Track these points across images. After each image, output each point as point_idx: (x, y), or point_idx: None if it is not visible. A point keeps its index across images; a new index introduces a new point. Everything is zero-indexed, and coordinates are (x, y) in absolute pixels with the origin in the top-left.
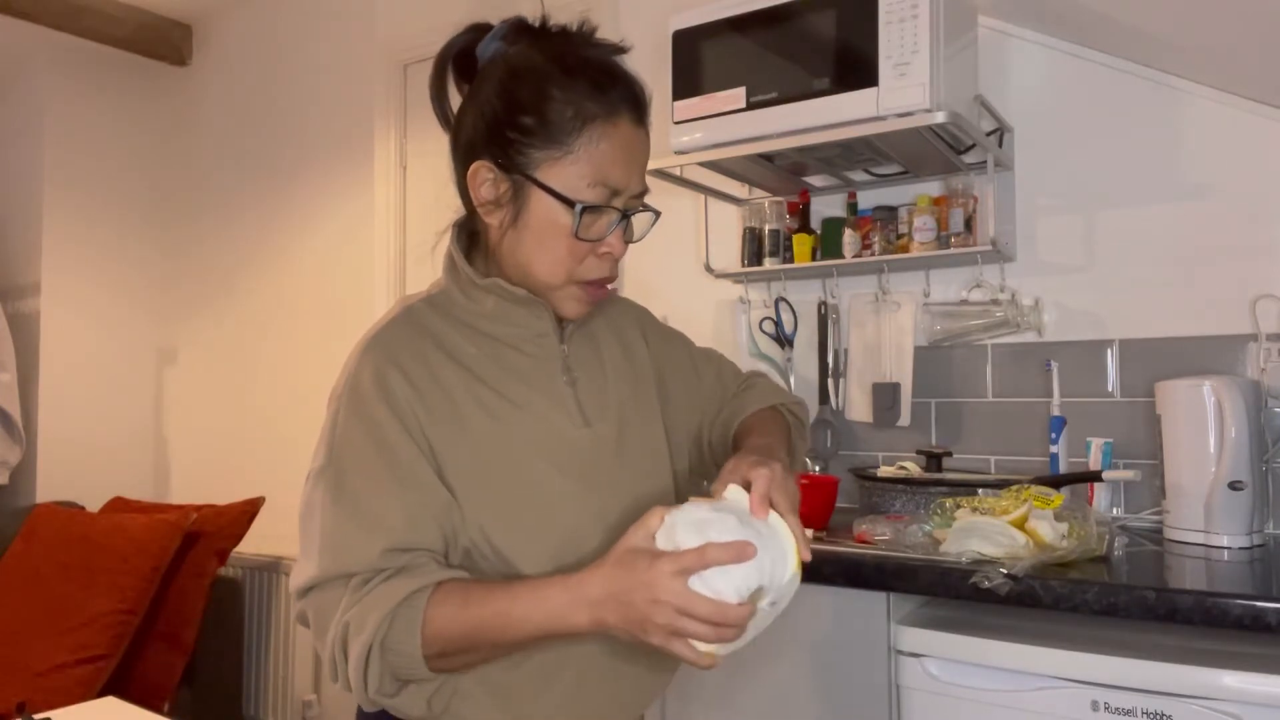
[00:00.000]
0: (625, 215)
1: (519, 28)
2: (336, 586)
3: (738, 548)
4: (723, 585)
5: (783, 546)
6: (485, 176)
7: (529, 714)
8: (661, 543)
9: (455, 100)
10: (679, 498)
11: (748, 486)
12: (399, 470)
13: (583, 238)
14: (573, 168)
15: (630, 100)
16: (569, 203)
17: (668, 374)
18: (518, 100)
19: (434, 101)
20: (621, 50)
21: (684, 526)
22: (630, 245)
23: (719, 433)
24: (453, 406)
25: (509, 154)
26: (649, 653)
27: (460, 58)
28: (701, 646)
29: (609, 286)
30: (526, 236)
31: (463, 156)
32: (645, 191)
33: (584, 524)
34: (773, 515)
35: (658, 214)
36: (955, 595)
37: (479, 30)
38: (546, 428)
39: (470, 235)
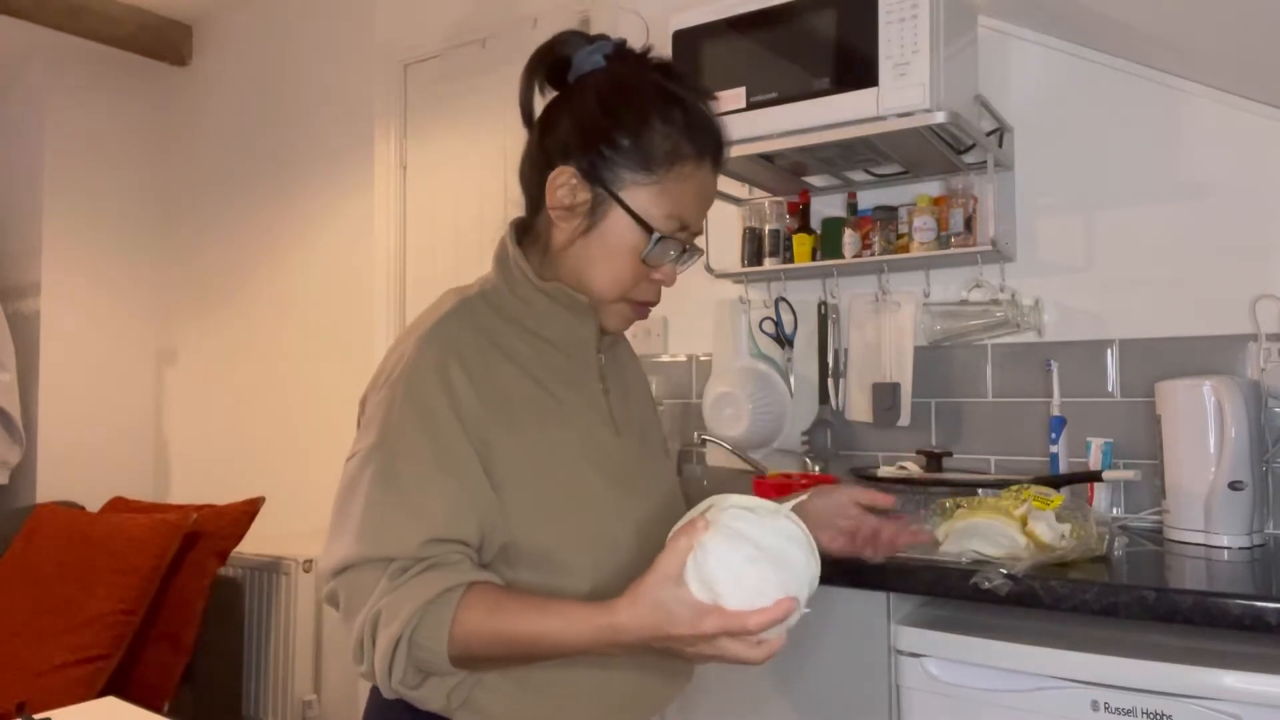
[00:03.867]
0: (685, 250)
1: (622, 51)
2: (374, 569)
3: (781, 609)
4: (770, 633)
5: (812, 556)
6: (568, 181)
7: (551, 703)
8: (695, 587)
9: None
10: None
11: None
12: (449, 463)
13: (647, 262)
14: (656, 197)
15: (716, 147)
16: (648, 228)
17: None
18: (620, 119)
19: (522, 96)
20: (714, 97)
21: (721, 573)
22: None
23: None
24: (507, 404)
25: (597, 167)
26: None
27: (555, 62)
28: None
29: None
30: (596, 248)
31: (547, 157)
32: (701, 231)
33: (621, 528)
34: (797, 542)
35: (701, 252)
36: (955, 595)
37: (580, 38)
38: (588, 430)
39: (524, 231)
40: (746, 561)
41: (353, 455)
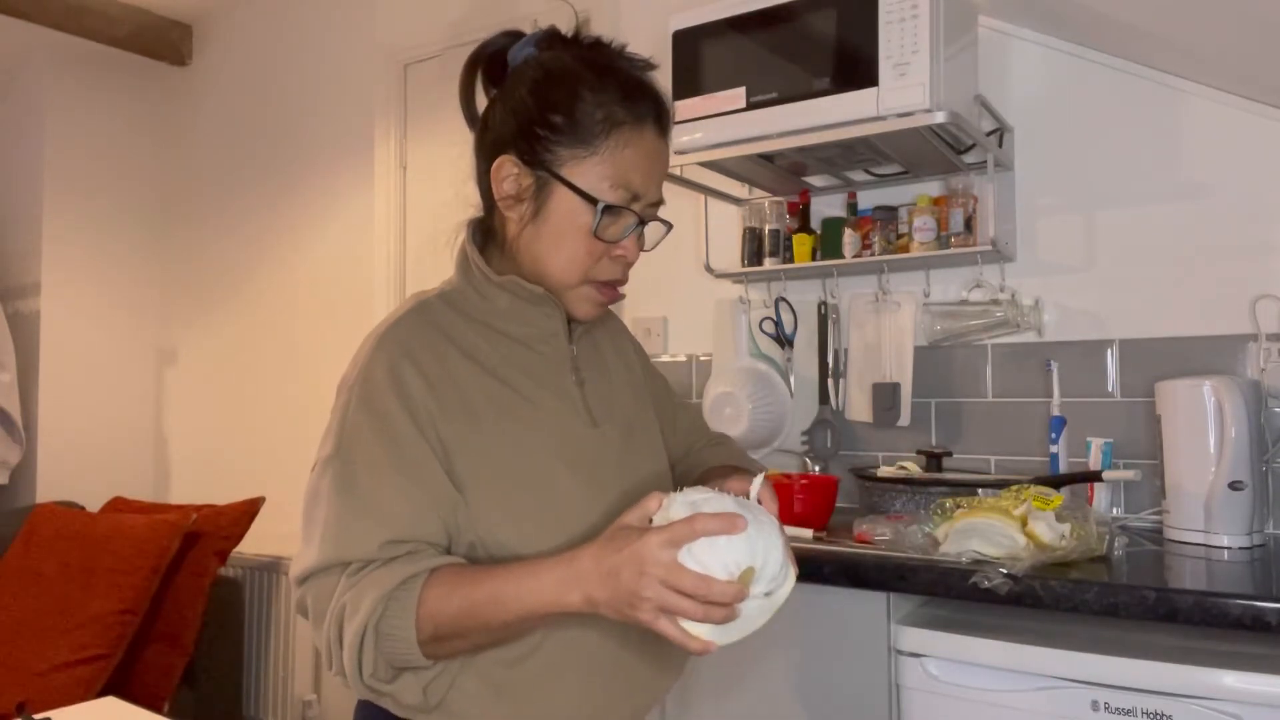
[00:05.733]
0: (641, 221)
1: (553, 36)
2: (335, 574)
3: (727, 519)
4: (711, 560)
5: (775, 536)
6: (510, 171)
7: (529, 710)
8: (658, 524)
9: (480, 102)
10: None
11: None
12: (406, 463)
13: (600, 237)
14: (597, 168)
15: (657, 113)
16: (591, 200)
17: (654, 402)
18: (549, 99)
19: (462, 99)
20: (652, 66)
21: (679, 506)
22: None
23: (679, 475)
24: (465, 402)
25: (535, 150)
26: (654, 651)
27: (492, 60)
28: (691, 629)
29: (619, 290)
30: (545, 232)
31: (488, 152)
32: (661, 202)
33: (593, 523)
34: (765, 514)
35: (669, 226)
36: (955, 595)
37: (512, 35)
38: (557, 425)
39: (485, 233)
40: (706, 492)
41: (315, 465)
